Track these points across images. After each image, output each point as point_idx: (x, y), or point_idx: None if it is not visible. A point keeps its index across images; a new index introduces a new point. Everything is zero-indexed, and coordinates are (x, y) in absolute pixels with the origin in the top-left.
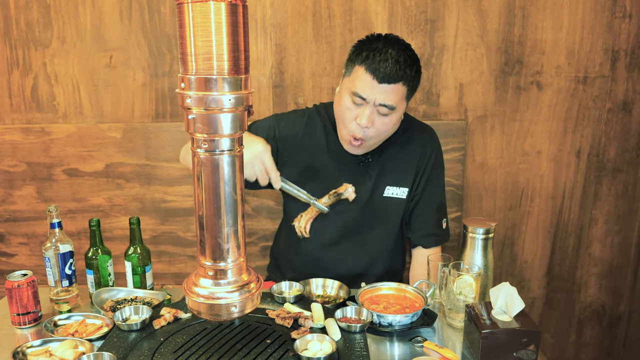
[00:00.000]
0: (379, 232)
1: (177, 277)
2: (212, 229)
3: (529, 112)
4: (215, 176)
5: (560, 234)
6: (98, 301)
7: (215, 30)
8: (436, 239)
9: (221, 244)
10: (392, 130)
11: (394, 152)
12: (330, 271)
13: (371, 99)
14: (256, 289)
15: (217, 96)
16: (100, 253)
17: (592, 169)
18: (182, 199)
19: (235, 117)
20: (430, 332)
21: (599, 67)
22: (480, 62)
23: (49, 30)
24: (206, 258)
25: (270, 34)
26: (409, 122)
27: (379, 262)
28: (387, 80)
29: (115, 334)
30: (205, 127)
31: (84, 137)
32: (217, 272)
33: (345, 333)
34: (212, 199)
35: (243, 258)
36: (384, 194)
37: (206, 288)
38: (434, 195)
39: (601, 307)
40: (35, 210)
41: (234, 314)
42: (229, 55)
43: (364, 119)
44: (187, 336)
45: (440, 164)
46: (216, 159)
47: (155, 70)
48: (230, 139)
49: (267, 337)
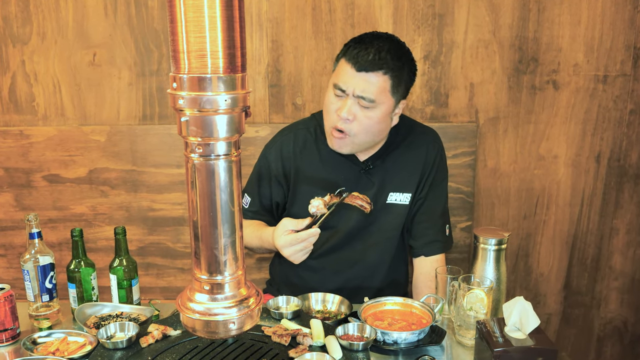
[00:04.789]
0: (380, 239)
1: (166, 291)
2: (208, 239)
3: (544, 114)
4: (210, 183)
5: (578, 245)
6: (81, 317)
7: (210, 25)
8: (440, 245)
9: (218, 255)
10: (380, 128)
11: (395, 157)
12: (328, 282)
13: (350, 89)
14: (256, 305)
15: (212, 96)
16: (83, 265)
17: (613, 174)
18: (171, 207)
19: (231, 118)
20: (438, 350)
21: (620, 65)
22: (492, 60)
23: (28, 25)
24: (201, 271)
25: (266, 30)
26: (411, 125)
27: (379, 273)
28: (365, 68)
29: (100, 352)
30: (200, 129)
31: (65, 141)
32: (213, 287)
33: (347, 351)
34: (207, 208)
35: (241, 271)
36: (387, 201)
37: (202, 303)
38: (437, 200)
39: (622, 324)
40: (13, 220)
41: (232, 332)
42: (224, 52)
43: (344, 111)
44: (177, 355)
45: (444, 168)
46: (211, 164)
47: (142, 69)
48: (227, 143)
49: (263, 356)
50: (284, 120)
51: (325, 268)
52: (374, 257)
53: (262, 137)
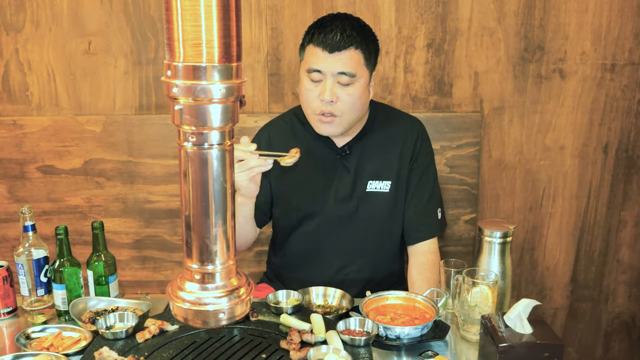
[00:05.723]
0: (363, 229)
1: (163, 285)
2: (200, 229)
3: (551, 103)
4: (203, 172)
5: (585, 238)
6: (75, 312)
7: (205, 13)
8: (430, 229)
9: (209, 245)
10: (362, 102)
11: (372, 143)
12: (315, 274)
13: (327, 70)
14: (246, 294)
15: (206, 85)
16: (68, 265)
17: (621, 165)
18: (168, 199)
19: (225, 108)
20: (442, 345)
21: (629, 53)
22: (498, 48)
23: (22, 13)
24: (193, 260)
25: (266, 17)
26: (389, 112)
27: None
28: (337, 48)
29: (95, 347)
30: (193, 118)
31: (60, 131)
32: (204, 276)
33: (349, 347)
34: (199, 197)
35: (233, 261)
36: (367, 189)
37: (192, 293)
38: (424, 184)
39: (630, 319)
40: (6, 212)
41: (222, 321)
42: (219, 41)
43: (326, 94)
44: (174, 350)
45: (427, 151)
46: (204, 154)
47: (138, 58)
48: (220, 132)
49: (263, 352)
50: (283, 109)
51: (312, 260)
52: (359, 247)
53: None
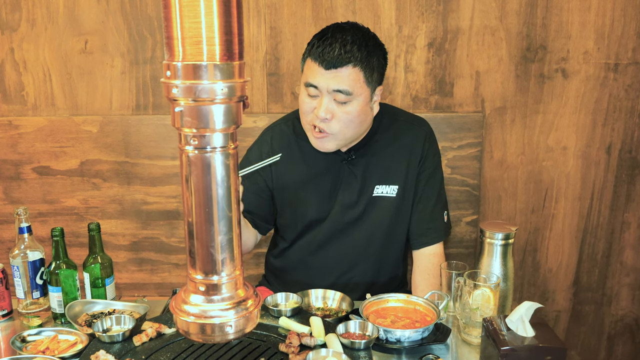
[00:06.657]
0: (369, 233)
1: (160, 287)
2: (204, 237)
3: (553, 104)
4: (206, 177)
5: (588, 240)
6: (72, 315)
7: (205, 10)
8: (436, 233)
9: (214, 254)
10: (361, 120)
11: (378, 147)
12: (319, 279)
13: (323, 86)
14: (254, 307)
15: (207, 85)
16: (64, 267)
17: (624, 166)
18: (165, 201)
19: (228, 108)
20: (443, 349)
21: (632, 52)
22: (499, 48)
23: (17, 11)
24: (197, 271)
25: (264, 16)
26: (395, 114)
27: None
28: (333, 65)
29: (92, 350)
30: (195, 120)
31: (56, 132)
32: (209, 287)
33: (349, 350)
34: (203, 204)
35: (239, 271)
36: (374, 194)
37: (197, 305)
38: (431, 187)
39: (634, 321)
40: (1, 213)
41: (229, 335)
42: (220, 38)
43: (321, 110)
44: (172, 354)
45: (435, 154)
46: (207, 157)
47: (135, 57)
48: (224, 135)
49: (262, 355)
50: (282, 110)
51: (315, 264)
52: (364, 252)
53: (260, 128)
